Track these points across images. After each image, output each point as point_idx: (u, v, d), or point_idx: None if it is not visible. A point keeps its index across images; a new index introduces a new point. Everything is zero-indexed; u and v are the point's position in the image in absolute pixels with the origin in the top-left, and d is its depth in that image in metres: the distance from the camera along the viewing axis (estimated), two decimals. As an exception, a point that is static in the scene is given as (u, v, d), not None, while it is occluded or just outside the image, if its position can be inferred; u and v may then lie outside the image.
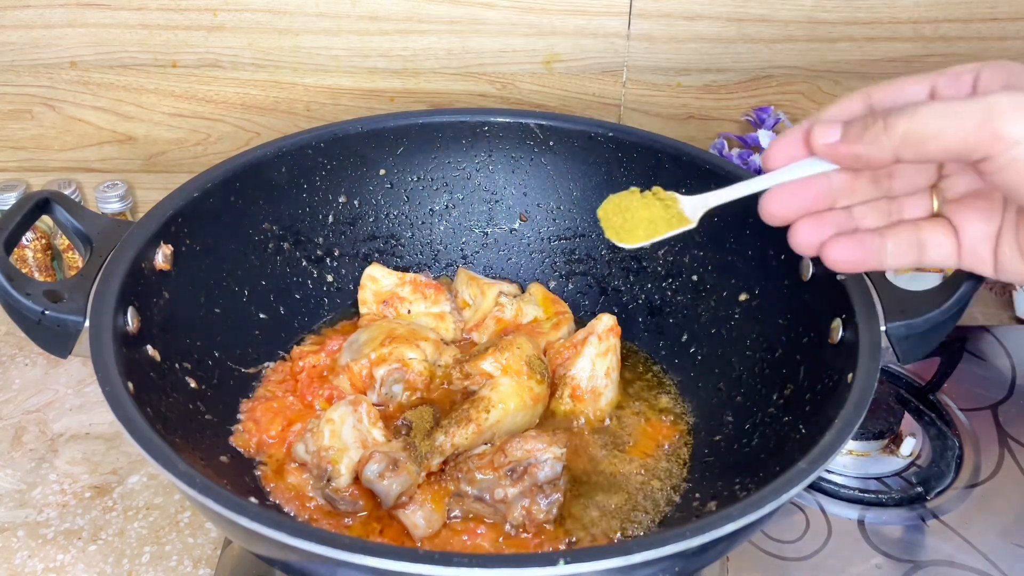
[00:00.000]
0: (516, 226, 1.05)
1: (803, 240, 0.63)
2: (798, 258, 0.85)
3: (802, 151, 0.60)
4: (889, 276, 0.81)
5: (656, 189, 0.68)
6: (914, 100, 0.59)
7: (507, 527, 0.78)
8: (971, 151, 0.53)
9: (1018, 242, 0.59)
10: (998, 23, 1.11)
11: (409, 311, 0.98)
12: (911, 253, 0.63)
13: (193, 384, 0.83)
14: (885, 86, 0.60)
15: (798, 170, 0.61)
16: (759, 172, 1.07)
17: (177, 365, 0.82)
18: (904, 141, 0.54)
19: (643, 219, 0.67)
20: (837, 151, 0.58)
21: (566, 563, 0.56)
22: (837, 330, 0.78)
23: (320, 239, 1.00)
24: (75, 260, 1.11)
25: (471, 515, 0.79)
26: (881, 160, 0.56)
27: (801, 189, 0.62)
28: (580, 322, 0.98)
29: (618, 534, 0.79)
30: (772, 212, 0.62)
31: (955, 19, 1.10)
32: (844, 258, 0.62)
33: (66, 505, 0.92)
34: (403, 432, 0.82)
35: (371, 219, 1.02)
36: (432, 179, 1.03)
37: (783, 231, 0.62)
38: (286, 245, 0.97)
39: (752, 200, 0.91)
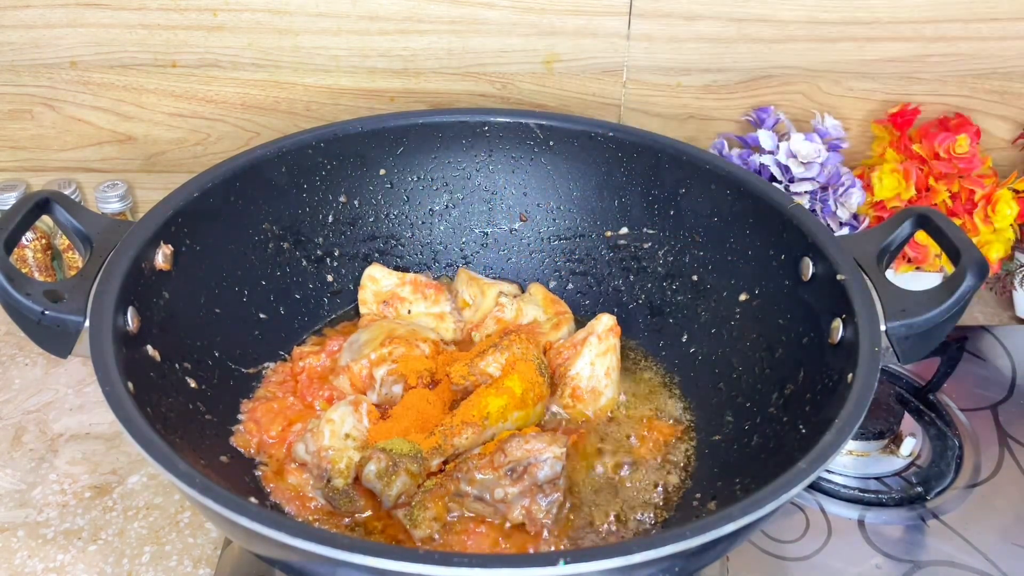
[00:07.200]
0: (516, 226, 1.05)
1: None
2: (798, 258, 0.85)
3: None
4: (889, 276, 0.81)
5: None
6: None
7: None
8: None
9: None
10: (998, 23, 1.11)
11: (409, 311, 0.98)
12: None
13: (193, 384, 0.83)
14: None
15: None
16: (759, 172, 1.08)
17: (177, 365, 0.82)
18: None
19: None
20: None
21: (566, 563, 0.56)
22: (837, 330, 0.78)
23: (320, 239, 1.00)
24: (75, 260, 1.11)
25: (471, 515, 0.79)
26: None
27: None
28: (580, 322, 0.98)
29: (618, 534, 0.79)
30: None
31: (955, 19, 1.10)
32: None
33: (66, 505, 0.91)
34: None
35: (371, 219, 1.02)
36: (432, 179, 1.03)
37: (783, 231, 0.61)
38: (286, 245, 0.97)
39: (752, 200, 0.91)
